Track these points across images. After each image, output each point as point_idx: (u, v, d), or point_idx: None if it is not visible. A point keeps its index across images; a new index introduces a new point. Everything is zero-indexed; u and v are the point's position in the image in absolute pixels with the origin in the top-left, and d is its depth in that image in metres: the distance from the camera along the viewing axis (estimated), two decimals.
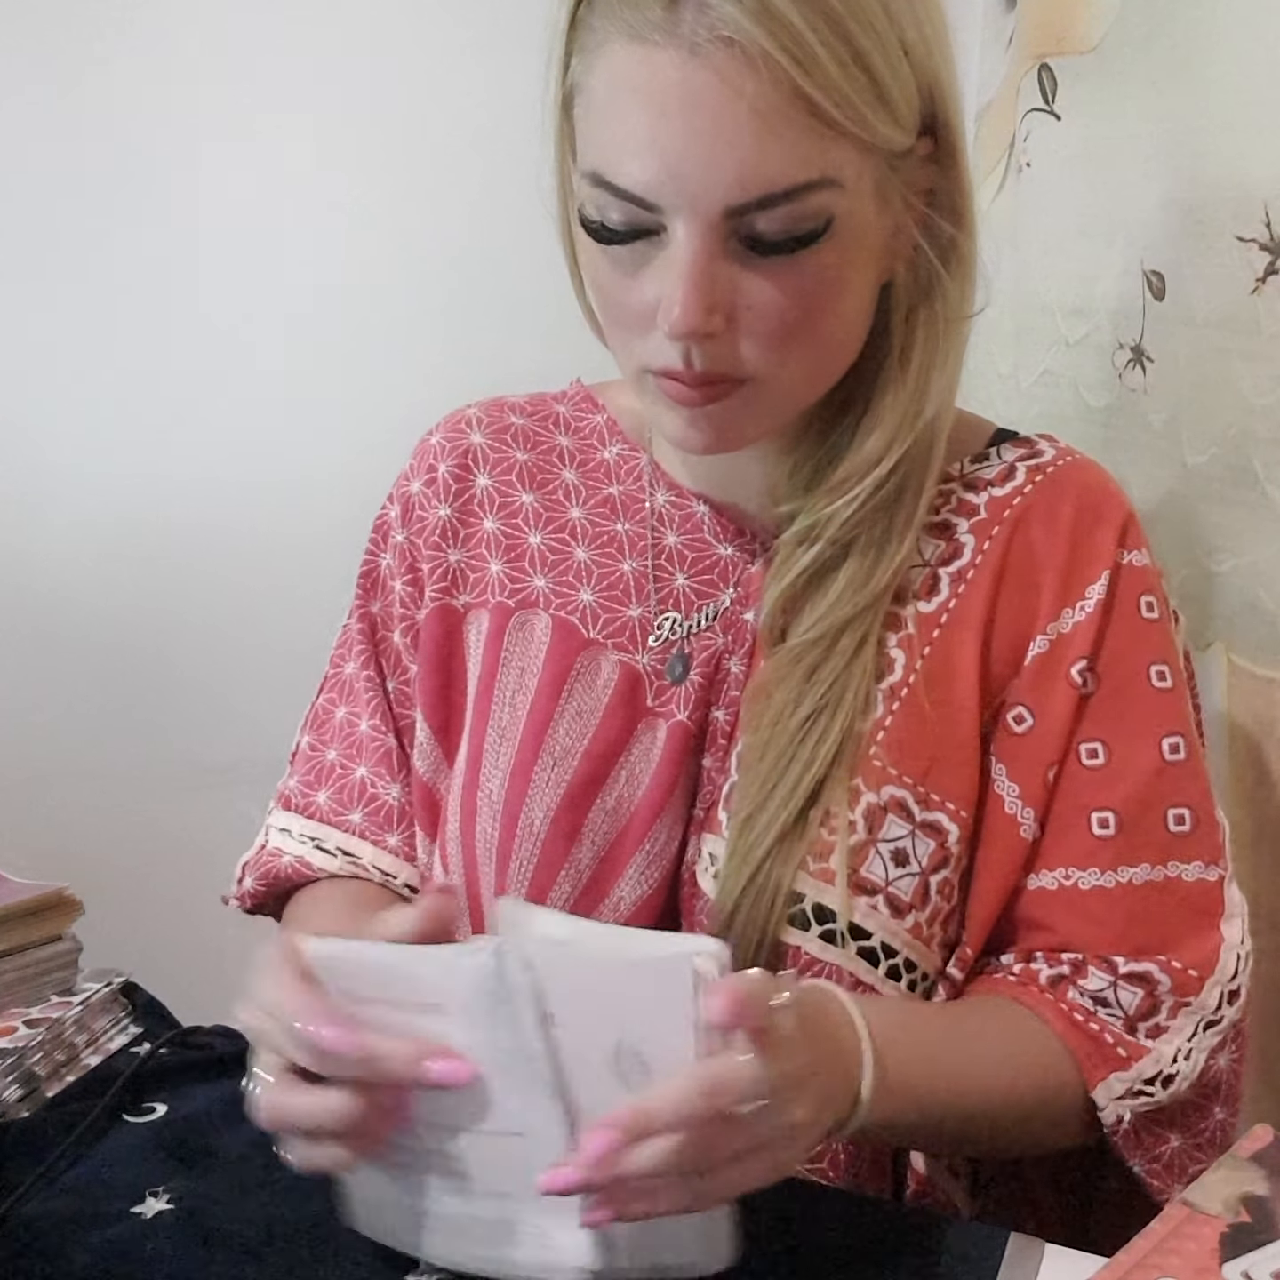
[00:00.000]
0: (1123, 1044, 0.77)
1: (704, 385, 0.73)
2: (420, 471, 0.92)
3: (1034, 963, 0.80)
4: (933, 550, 0.82)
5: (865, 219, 0.72)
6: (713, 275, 0.69)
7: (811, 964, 0.76)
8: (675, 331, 0.70)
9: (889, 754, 0.79)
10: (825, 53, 0.65)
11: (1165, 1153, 0.79)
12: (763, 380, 0.74)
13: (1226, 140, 0.98)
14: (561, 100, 0.73)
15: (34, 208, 1.45)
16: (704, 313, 0.70)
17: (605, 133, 0.70)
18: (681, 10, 0.66)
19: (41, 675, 1.56)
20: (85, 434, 1.52)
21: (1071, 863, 0.79)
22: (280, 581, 1.52)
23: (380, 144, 1.46)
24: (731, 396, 0.74)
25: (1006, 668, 0.81)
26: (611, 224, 0.71)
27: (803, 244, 0.69)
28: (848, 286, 0.73)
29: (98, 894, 0.93)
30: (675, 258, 0.69)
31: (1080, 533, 0.81)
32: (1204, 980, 0.78)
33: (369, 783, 0.91)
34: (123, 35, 1.41)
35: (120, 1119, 0.77)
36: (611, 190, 0.70)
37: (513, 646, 0.86)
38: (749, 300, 0.71)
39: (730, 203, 0.68)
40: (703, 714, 0.83)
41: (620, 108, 0.69)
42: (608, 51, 0.68)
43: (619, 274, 0.73)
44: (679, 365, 0.72)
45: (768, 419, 0.77)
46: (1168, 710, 0.81)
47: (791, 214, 0.68)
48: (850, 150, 0.69)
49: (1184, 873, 0.79)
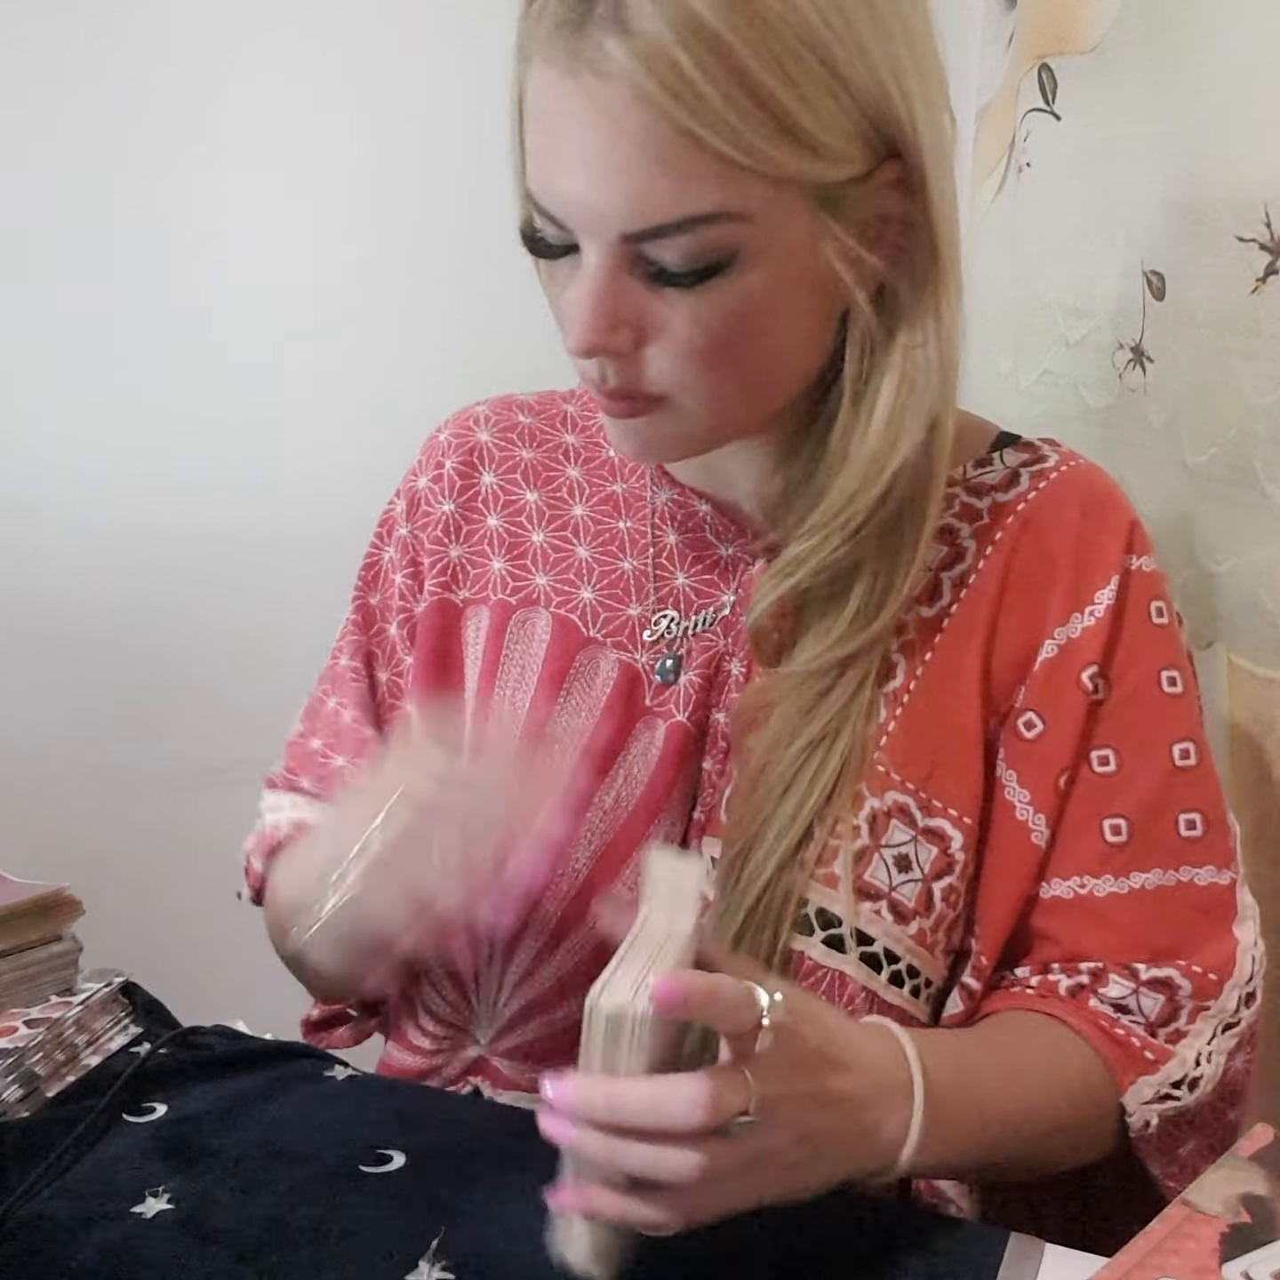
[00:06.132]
0: (1149, 1048, 0.77)
1: (619, 400, 0.74)
2: (428, 467, 0.93)
3: (1051, 974, 0.80)
4: (935, 555, 0.82)
5: (788, 250, 0.70)
6: (615, 294, 0.70)
7: (814, 969, 0.76)
8: (572, 347, 0.71)
9: (892, 759, 0.78)
10: (713, 91, 0.64)
11: (1183, 1154, 0.79)
12: (680, 403, 0.74)
13: (1226, 140, 0.98)
14: (514, 103, 0.73)
15: (34, 207, 1.45)
16: (604, 331, 0.70)
17: (532, 148, 0.71)
18: (582, 42, 0.65)
19: (41, 675, 1.56)
20: (86, 434, 1.52)
21: (1085, 870, 0.79)
22: (281, 582, 1.52)
23: (386, 138, 1.46)
24: (651, 414, 0.74)
25: (1012, 673, 0.80)
26: (548, 238, 0.72)
27: (704, 277, 0.69)
28: (773, 317, 0.72)
29: (98, 894, 0.93)
30: (581, 275, 0.70)
31: (1087, 538, 0.81)
32: (1223, 984, 0.78)
33: (347, 773, 0.91)
34: (123, 36, 1.41)
35: (120, 1119, 0.77)
36: (535, 205, 0.71)
37: (513, 644, 0.86)
38: (657, 323, 0.71)
39: (624, 230, 0.68)
40: (703, 715, 0.83)
41: (539, 128, 0.70)
42: (531, 68, 0.69)
43: (555, 284, 0.74)
44: (595, 377, 0.73)
45: (694, 439, 0.77)
46: (1178, 716, 0.81)
47: (690, 245, 0.68)
48: (757, 185, 0.67)
49: (1196, 877, 0.79)
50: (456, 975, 0.84)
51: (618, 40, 0.64)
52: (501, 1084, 0.83)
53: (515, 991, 0.82)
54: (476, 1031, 0.84)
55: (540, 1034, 0.82)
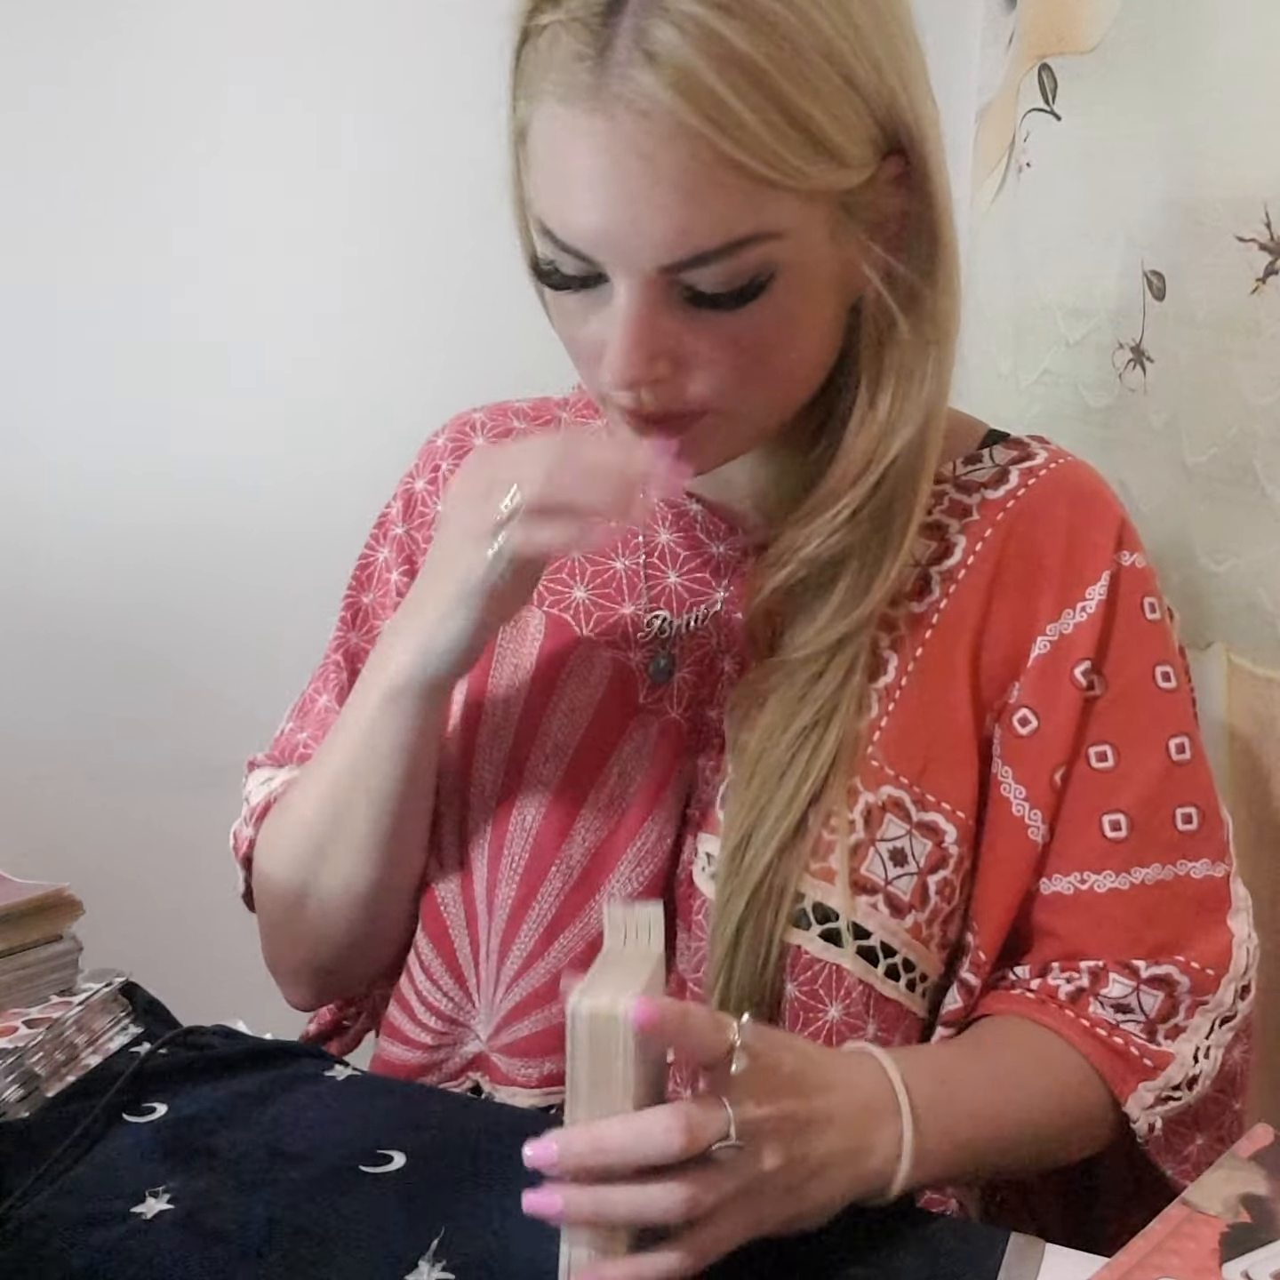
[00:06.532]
0: (1147, 1054, 0.78)
1: (656, 423, 0.74)
2: (424, 470, 0.94)
3: (1051, 976, 0.80)
4: (924, 550, 0.82)
5: (817, 259, 0.71)
6: (653, 326, 0.70)
7: (812, 963, 0.76)
8: (616, 382, 0.71)
9: (885, 754, 0.79)
10: (753, 117, 0.64)
11: (1192, 1152, 0.80)
12: (719, 413, 0.74)
13: (1226, 140, 0.98)
14: (514, 136, 0.73)
15: (34, 208, 1.45)
16: (645, 364, 0.70)
17: (545, 184, 0.70)
18: (606, 77, 0.65)
19: (41, 675, 1.56)
20: (85, 433, 1.51)
21: (1086, 866, 0.79)
22: (281, 582, 1.52)
23: (386, 138, 1.46)
24: (691, 429, 0.74)
25: (1004, 670, 0.81)
26: (565, 270, 0.71)
27: (744, 299, 0.69)
28: (802, 324, 0.73)
29: (98, 894, 0.93)
30: (616, 310, 0.70)
31: (1077, 535, 0.81)
32: (1220, 978, 0.79)
33: None
34: (123, 37, 1.41)
35: (120, 1119, 0.77)
36: (555, 241, 0.70)
37: (507, 644, 0.87)
38: (695, 348, 0.71)
39: (662, 263, 0.68)
40: (696, 712, 0.83)
41: (555, 165, 0.69)
42: (542, 105, 0.68)
43: (573, 315, 0.74)
44: (632, 405, 0.73)
45: (732, 446, 0.78)
46: (1173, 710, 0.81)
47: (728, 269, 0.68)
48: (790, 201, 0.68)
49: (1192, 870, 0.80)
50: (455, 969, 0.84)
51: (650, 74, 0.63)
52: (499, 1080, 0.84)
53: (511, 987, 0.82)
54: (476, 1026, 0.84)
55: (537, 1029, 0.82)
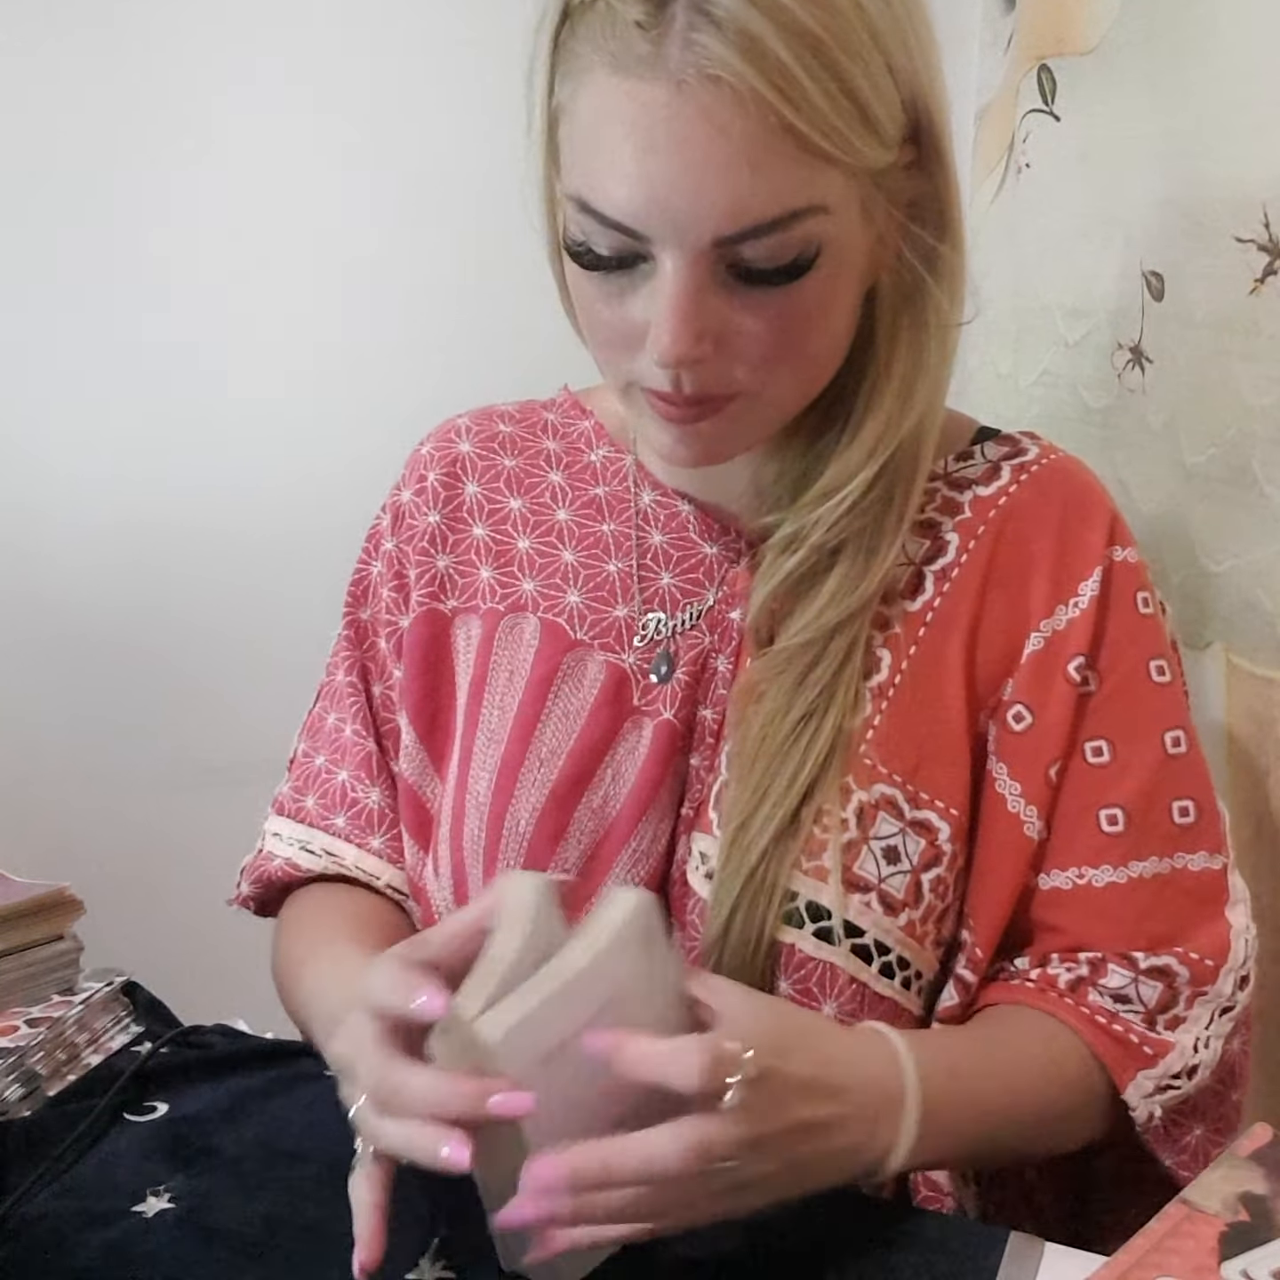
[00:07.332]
0: (1147, 1042, 0.78)
1: (693, 405, 0.74)
2: (411, 481, 0.93)
3: (1050, 966, 0.80)
4: (917, 548, 0.83)
5: (852, 238, 0.72)
6: (701, 304, 0.69)
7: (805, 962, 0.76)
8: (665, 360, 0.70)
9: (878, 752, 0.79)
10: (814, 86, 0.64)
11: (1191, 1142, 0.80)
12: (751, 395, 0.74)
13: (1226, 140, 0.98)
14: (547, 120, 0.72)
15: (34, 210, 1.45)
16: (692, 341, 0.70)
17: (591, 160, 0.69)
18: (667, 45, 0.64)
19: (42, 676, 1.56)
20: (85, 435, 1.51)
21: (1084, 861, 0.80)
22: (281, 583, 1.52)
23: (386, 138, 1.46)
24: (720, 413, 0.74)
25: (998, 666, 0.81)
26: (599, 250, 0.71)
27: (794, 274, 0.69)
28: (837, 304, 0.73)
29: (98, 894, 0.93)
30: (664, 287, 0.69)
31: (1069, 530, 0.82)
32: (1219, 969, 0.79)
33: (350, 786, 0.91)
34: (123, 37, 1.41)
35: (121, 1118, 0.78)
36: (597, 218, 0.69)
37: (502, 650, 0.87)
38: (738, 326, 0.71)
39: (719, 234, 0.67)
40: (689, 712, 0.83)
41: (606, 138, 0.68)
42: (592, 80, 0.67)
43: (606, 297, 0.73)
44: (668, 388, 0.73)
45: (756, 431, 0.78)
46: (1168, 704, 0.81)
47: (779, 243, 0.68)
48: (837, 175, 0.68)
49: (1190, 863, 0.80)
50: None
51: (718, 40, 0.63)
52: None
53: None
54: None
55: None
